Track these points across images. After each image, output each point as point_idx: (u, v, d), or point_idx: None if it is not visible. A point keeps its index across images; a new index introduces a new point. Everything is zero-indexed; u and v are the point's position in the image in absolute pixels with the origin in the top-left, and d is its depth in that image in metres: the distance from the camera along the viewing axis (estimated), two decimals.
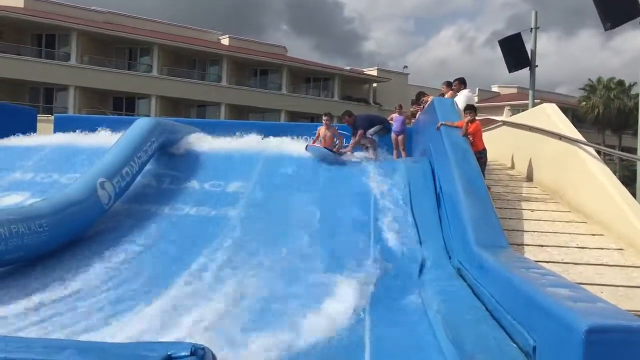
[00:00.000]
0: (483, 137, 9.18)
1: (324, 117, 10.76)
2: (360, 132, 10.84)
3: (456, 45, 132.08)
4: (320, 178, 9.60)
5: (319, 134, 10.67)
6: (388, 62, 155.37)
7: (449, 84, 11.61)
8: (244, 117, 38.82)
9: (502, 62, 16.32)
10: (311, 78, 45.21)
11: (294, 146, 11.32)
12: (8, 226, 6.15)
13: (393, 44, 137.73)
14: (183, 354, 3.22)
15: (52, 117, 17.15)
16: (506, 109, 45.20)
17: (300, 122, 27.83)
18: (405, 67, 52.03)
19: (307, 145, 10.45)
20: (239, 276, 6.22)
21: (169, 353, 3.20)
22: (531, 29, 15.84)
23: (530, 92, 16.08)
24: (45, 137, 12.36)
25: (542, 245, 6.98)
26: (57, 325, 4.77)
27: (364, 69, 48.73)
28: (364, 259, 6.88)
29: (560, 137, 9.17)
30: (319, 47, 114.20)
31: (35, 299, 5.55)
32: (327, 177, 9.59)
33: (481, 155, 8.68)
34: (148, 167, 9.65)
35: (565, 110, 12.37)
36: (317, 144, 10.49)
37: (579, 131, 9.53)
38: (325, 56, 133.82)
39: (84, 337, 4.29)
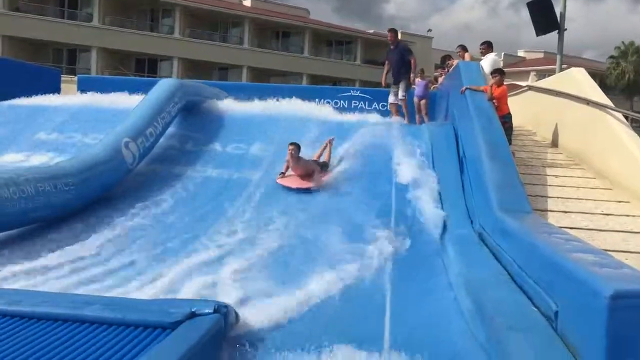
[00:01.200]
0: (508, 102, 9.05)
1: (289, 147, 8.12)
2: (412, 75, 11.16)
3: (481, 8, 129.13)
4: (341, 140, 9.53)
5: (288, 164, 8.29)
6: (410, 25, 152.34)
7: (464, 48, 11.56)
8: (265, 80, 38.65)
9: (528, 26, 15.96)
10: (333, 41, 44.71)
11: (316, 109, 11.29)
12: (34, 184, 6.25)
13: (415, 6, 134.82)
14: (206, 311, 3.29)
15: (75, 78, 17.27)
16: (532, 74, 44.13)
17: (323, 86, 27.57)
18: (429, 30, 51.10)
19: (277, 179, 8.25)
20: (262, 234, 6.29)
21: (192, 310, 3.27)
22: None
23: (558, 57, 15.69)
24: (69, 98, 12.46)
25: (566, 212, 6.91)
26: (82, 281, 4.86)
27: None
28: (385, 221, 6.89)
29: (588, 102, 8.99)
30: (339, 10, 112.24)
31: (61, 255, 5.66)
32: (349, 139, 9.52)
33: (506, 119, 8.56)
34: (171, 129, 9.69)
35: (592, 75, 12.09)
36: (289, 177, 8.28)
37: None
38: (346, 19, 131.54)
39: (109, 294, 4.37)
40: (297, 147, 8.16)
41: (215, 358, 3.13)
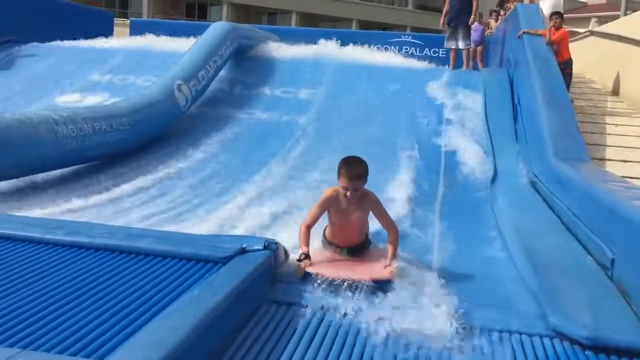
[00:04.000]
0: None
1: (345, 180, 3.52)
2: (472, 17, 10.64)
3: None
4: (391, 86, 9.38)
5: (312, 222, 3.66)
6: None
7: None
8: (314, 26, 38.07)
9: None
10: None
11: (366, 54, 11.10)
12: (91, 123, 6.43)
13: None
14: (256, 247, 3.32)
15: (127, 22, 17.41)
16: (593, 20, 41.93)
17: (372, 31, 27.03)
18: None
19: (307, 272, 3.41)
20: (309, 174, 6.31)
21: (243, 246, 3.31)
22: None
23: (623, 1, 14.89)
24: (122, 40, 12.59)
25: (625, 161, 6.67)
26: (137, 217, 5.01)
27: None
28: (434, 167, 6.81)
29: None
30: None
31: (117, 192, 5.84)
32: (400, 86, 9.35)
33: (566, 65, 8.22)
34: (221, 72, 9.70)
35: None
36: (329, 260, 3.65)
37: None
38: None
39: (162, 229, 4.47)
40: (365, 176, 3.59)
41: (265, 293, 3.18)
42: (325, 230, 3.79)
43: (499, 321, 2.93)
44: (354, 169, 3.54)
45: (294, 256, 3.57)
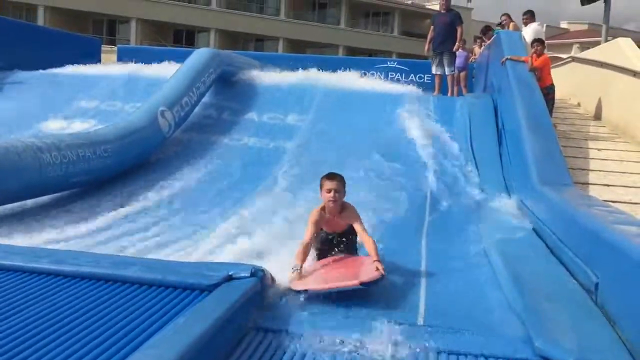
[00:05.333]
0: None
1: (325, 185, 4.08)
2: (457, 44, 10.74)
3: None
4: (377, 112, 9.45)
5: (309, 240, 3.98)
6: None
7: (509, 17, 11.32)
8: (301, 52, 38.45)
9: None
10: (370, 12, 44.16)
11: (352, 80, 11.19)
12: (75, 150, 6.41)
13: None
14: (243, 274, 3.31)
15: (115, 48, 17.48)
16: (575, 46, 42.64)
17: (358, 57, 27.34)
18: (469, 1, 49.47)
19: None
20: (297, 202, 6.31)
21: (230, 273, 3.30)
22: None
23: (604, 27, 15.20)
24: (110, 67, 12.61)
25: (608, 185, 6.75)
26: (120, 246, 4.97)
27: (425, 4, 47.01)
28: (421, 191, 6.84)
29: (635, 73, 8.70)
30: None
31: (101, 220, 5.80)
32: (386, 112, 9.42)
33: (549, 91, 8.37)
34: (208, 98, 9.74)
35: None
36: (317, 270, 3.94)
37: None
38: None
39: (149, 256, 4.45)
40: (342, 183, 4.13)
41: (252, 320, 3.16)
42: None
43: (485, 346, 2.94)
44: (333, 174, 4.16)
45: (279, 281, 3.60)
